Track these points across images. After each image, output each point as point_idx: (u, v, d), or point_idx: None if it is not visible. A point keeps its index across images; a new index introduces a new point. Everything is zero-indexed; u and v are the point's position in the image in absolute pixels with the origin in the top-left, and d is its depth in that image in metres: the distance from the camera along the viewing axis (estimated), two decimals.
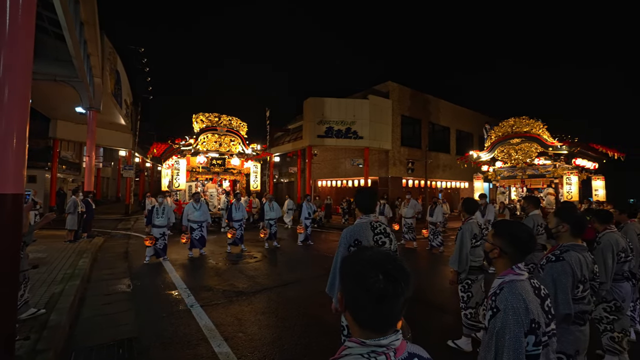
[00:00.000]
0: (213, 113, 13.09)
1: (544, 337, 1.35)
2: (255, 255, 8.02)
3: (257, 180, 14.53)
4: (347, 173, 19.69)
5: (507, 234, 1.48)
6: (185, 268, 6.73)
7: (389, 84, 17.69)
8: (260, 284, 5.66)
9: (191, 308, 4.42)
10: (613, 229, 3.27)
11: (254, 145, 14.15)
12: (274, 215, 9.33)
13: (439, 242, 9.02)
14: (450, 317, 4.26)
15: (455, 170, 20.17)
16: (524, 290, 1.37)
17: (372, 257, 0.83)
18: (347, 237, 2.35)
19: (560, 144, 11.33)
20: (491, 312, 1.40)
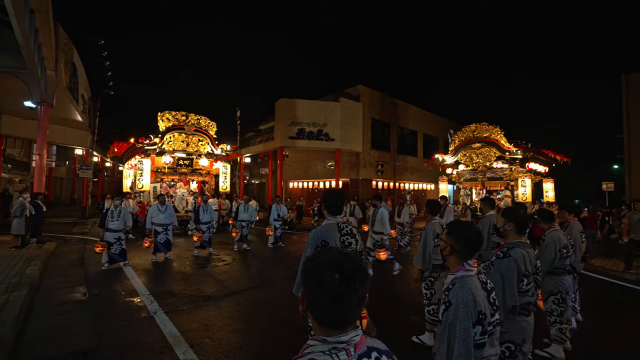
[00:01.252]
0: (180, 112, 12.61)
1: (489, 327, 1.49)
2: (224, 259, 7.83)
3: (226, 182, 14.19)
4: (318, 175, 19.82)
5: (458, 233, 1.62)
6: (149, 273, 6.43)
7: (359, 88, 18.07)
8: (229, 287, 5.54)
9: (154, 315, 4.23)
10: (556, 228, 3.59)
11: (223, 145, 13.81)
12: (247, 217, 9.18)
13: (406, 241, 9.34)
14: (415, 313, 4.43)
15: (422, 172, 21.02)
16: (473, 285, 1.49)
17: (329, 258, 0.86)
18: (314, 239, 2.38)
19: (515, 149, 12.19)
20: (444, 306, 1.51)
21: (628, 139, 18.63)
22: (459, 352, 1.39)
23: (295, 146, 16.53)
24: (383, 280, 6.24)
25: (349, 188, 17.92)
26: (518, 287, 2.09)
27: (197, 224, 8.41)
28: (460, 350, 1.38)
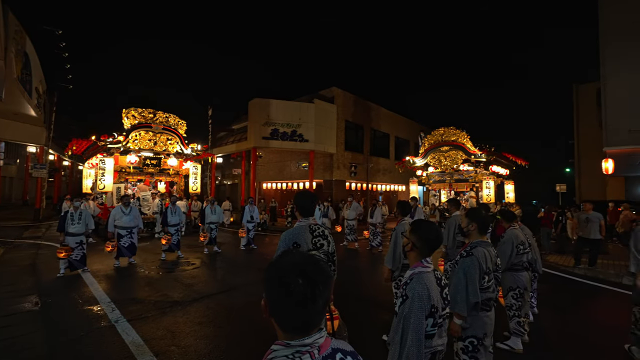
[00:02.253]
0: (147, 109, 12.03)
1: (439, 319, 1.61)
2: (193, 262, 7.56)
3: (196, 182, 13.72)
4: (292, 176, 19.73)
5: (420, 232, 1.73)
6: (111, 279, 6.06)
7: (333, 90, 18.22)
8: (198, 292, 5.36)
9: (116, 324, 3.99)
10: (515, 226, 3.83)
11: (194, 145, 13.36)
12: (216, 219, 8.92)
13: (378, 242, 9.53)
14: (386, 312, 4.52)
15: (394, 174, 21.57)
16: (429, 281, 1.61)
17: (292, 262, 0.85)
18: (285, 241, 2.36)
19: (480, 152, 12.85)
20: (401, 299, 1.61)
21: (578, 145, 20.28)
22: (411, 342, 1.49)
23: (269, 147, 16.35)
24: (355, 280, 6.32)
25: (323, 189, 18.00)
26: (480, 284, 2.20)
27: (164, 227, 8.06)
28: (412, 340, 1.49)
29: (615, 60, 9.31)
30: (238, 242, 9.76)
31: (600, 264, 7.59)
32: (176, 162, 12.72)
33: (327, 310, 2.32)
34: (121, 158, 11.71)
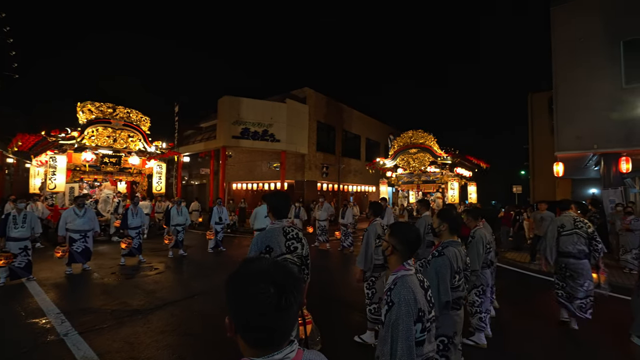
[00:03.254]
0: (106, 103, 11.22)
1: (427, 324, 1.54)
2: (156, 267, 7.13)
3: (161, 182, 13.03)
4: (263, 176, 19.40)
5: (400, 234, 1.67)
6: (61, 288, 5.53)
7: (306, 90, 18.17)
8: (161, 298, 5.04)
9: (65, 337, 3.62)
10: (480, 226, 3.99)
11: (158, 142, 12.66)
12: (182, 221, 8.49)
13: (350, 242, 9.60)
14: (358, 313, 4.53)
15: (365, 175, 21.94)
16: (413, 284, 1.54)
17: (259, 269, 0.77)
18: (257, 244, 2.26)
19: (446, 155, 13.41)
20: (387, 307, 1.52)
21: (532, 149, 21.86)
22: (402, 351, 1.40)
23: (239, 146, 15.94)
24: (327, 281, 6.29)
25: (294, 189, 17.87)
26: (451, 283, 2.24)
27: (124, 229, 7.53)
28: (403, 349, 1.40)
29: (564, 72, 10.12)
30: (206, 244, 9.38)
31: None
32: (138, 160, 11.98)
33: (300, 315, 2.24)
34: (75, 155, 10.80)
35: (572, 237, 4.13)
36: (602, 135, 9.19)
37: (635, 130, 8.44)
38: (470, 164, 14.46)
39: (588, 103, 9.48)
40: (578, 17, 9.90)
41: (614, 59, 9.16)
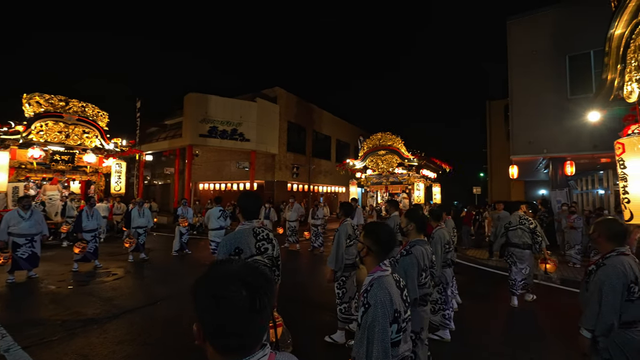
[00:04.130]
0: (57, 95, 10.32)
1: (403, 324, 1.55)
2: (114, 272, 6.68)
3: (120, 182, 12.23)
4: (232, 176, 18.92)
5: (373, 234, 1.67)
6: (2, 299, 4.99)
7: (276, 90, 17.99)
8: (120, 306, 4.72)
9: (6, 353, 3.26)
10: (442, 226, 4.17)
11: (117, 140, 11.87)
12: (144, 223, 8.03)
13: (320, 242, 9.63)
14: (328, 313, 4.54)
15: (335, 176, 22.15)
16: (389, 284, 1.55)
17: (229, 272, 0.74)
18: (226, 245, 2.18)
19: (412, 157, 13.91)
20: (363, 308, 1.51)
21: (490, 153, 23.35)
22: (377, 353, 1.40)
23: (206, 145, 15.41)
24: (297, 282, 6.26)
25: (264, 190, 17.61)
26: (418, 281, 2.31)
27: (78, 232, 6.96)
28: (379, 351, 1.40)
29: (519, 81, 10.93)
30: (169, 247, 8.94)
31: None
32: (95, 158, 11.15)
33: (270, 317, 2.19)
34: (20, 152, 9.82)
35: (517, 232, 5.13)
36: (550, 141, 10.03)
37: (579, 137, 9.31)
38: (435, 165, 15.11)
39: (539, 111, 10.30)
40: (531, 32, 10.74)
41: (560, 72, 10.04)
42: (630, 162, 3.97)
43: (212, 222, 7.56)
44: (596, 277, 2.09)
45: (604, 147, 8.32)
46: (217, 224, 7.53)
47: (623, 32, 3.85)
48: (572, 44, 9.78)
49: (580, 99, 9.24)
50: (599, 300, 2.02)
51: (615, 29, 3.88)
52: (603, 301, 2.00)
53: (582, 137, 9.19)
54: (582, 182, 14.80)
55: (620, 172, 4.09)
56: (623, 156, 4.03)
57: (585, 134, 8.97)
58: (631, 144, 3.97)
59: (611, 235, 2.14)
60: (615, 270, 2.01)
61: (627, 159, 3.99)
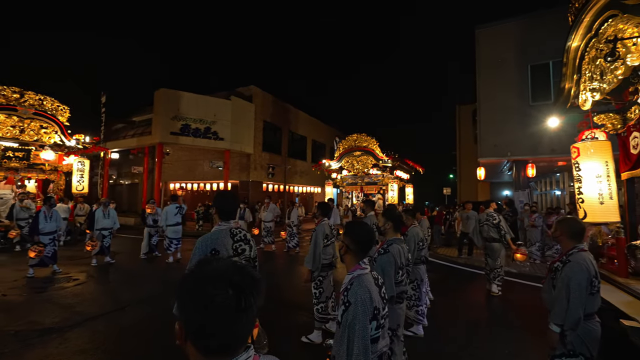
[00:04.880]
0: (11, 87, 9.51)
1: (382, 320, 1.58)
2: (75, 277, 6.26)
3: (83, 181, 11.48)
4: (205, 176, 18.38)
5: (353, 233, 1.69)
6: None
7: (252, 88, 17.71)
8: (81, 313, 4.42)
9: None
10: (416, 225, 4.30)
11: (80, 136, 11.16)
12: (109, 224, 7.59)
13: (295, 243, 9.59)
14: (305, 313, 4.53)
15: (311, 176, 22.16)
16: (368, 282, 1.57)
17: (216, 270, 0.72)
18: (202, 247, 2.11)
19: (386, 158, 14.22)
20: (344, 307, 1.52)
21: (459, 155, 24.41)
22: (358, 350, 1.41)
23: (178, 143, 14.85)
24: (273, 283, 6.19)
25: (239, 190, 17.27)
26: (395, 279, 2.36)
27: (33, 235, 6.44)
28: (359, 348, 1.41)
29: (486, 87, 11.51)
30: (136, 250, 8.52)
31: (476, 253, 9.20)
32: (53, 155, 10.39)
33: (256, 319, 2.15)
34: None
35: (485, 227, 5.82)
36: (514, 145, 10.64)
37: (539, 141, 9.95)
38: (408, 167, 15.55)
39: (504, 117, 10.90)
40: (497, 41, 11.34)
41: (523, 80, 10.69)
42: (584, 165, 4.29)
43: (169, 218, 7.84)
44: (563, 273, 2.20)
45: (561, 150, 8.97)
46: (174, 220, 7.87)
47: (579, 45, 4.16)
48: (534, 54, 10.44)
49: (540, 105, 9.88)
50: (567, 296, 2.13)
51: (572, 41, 4.19)
52: (571, 297, 2.11)
53: (542, 142, 9.83)
54: (541, 184, 15.84)
55: (575, 174, 4.41)
56: (578, 159, 4.35)
57: (545, 139, 9.61)
58: (585, 148, 4.30)
59: (572, 233, 2.28)
60: (580, 266, 2.14)
61: (581, 162, 4.32)
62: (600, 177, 4.15)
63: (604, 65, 3.63)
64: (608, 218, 4.13)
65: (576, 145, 4.40)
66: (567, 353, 2.18)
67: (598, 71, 3.80)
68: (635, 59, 3.17)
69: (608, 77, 3.61)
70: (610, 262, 4.38)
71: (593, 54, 3.90)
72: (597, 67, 3.81)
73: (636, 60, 3.19)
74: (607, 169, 4.15)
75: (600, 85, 3.80)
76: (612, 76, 3.53)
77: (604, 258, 4.55)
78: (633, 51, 3.18)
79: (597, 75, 3.84)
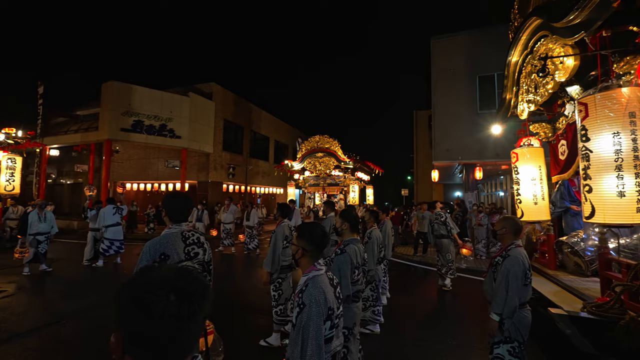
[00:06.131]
0: None
1: (336, 320, 1.60)
2: (3, 289, 5.56)
3: (13, 180, 10.24)
4: (160, 175, 17.36)
5: (307, 235, 1.69)
6: None
7: (212, 85, 17.09)
8: (10, 329, 3.94)
9: None
10: (376, 227, 4.45)
11: (10, 130, 9.96)
12: (45, 229, 6.85)
13: (255, 244, 9.41)
14: (264, 317, 4.46)
15: (273, 177, 21.90)
16: (323, 283, 1.58)
17: (157, 277, 0.68)
18: (150, 252, 1.98)
19: (348, 160, 14.53)
20: (298, 309, 1.52)
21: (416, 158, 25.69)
22: (311, 351, 1.42)
23: (129, 140, 13.84)
24: (232, 287, 6.02)
25: (197, 191, 16.55)
26: (351, 278, 2.42)
27: None
28: (313, 349, 1.42)
29: (439, 96, 12.26)
30: (79, 256, 7.80)
31: (430, 251, 9.74)
32: None
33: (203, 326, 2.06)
34: None
35: (434, 225, 6.28)
36: (464, 149, 11.46)
37: (485, 146, 10.82)
38: (368, 168, 16.03)
39: (455, 123, 11.69)
40: (450, 52, 12.14)
41: (472, 90, 11.56)
42: (522, 169, 4.75)
43: (107, 219, 7.52)
44: (502, 267, 2.42)
45: (504, 155, 9.82)
46: (112, 220, 7.59)
47: (517, 60, 4.60)
48: (481, 66, 11.33)
49: (486, 114, 10.75)
50: (506, 287, 2.36)
51: (512, 56, 4.63)
52: (509, 287, 2.34)
53: (487, 147, 10.70)
54: (487, 186, 17.23)
55: (514, 177, 4.86)
56: (517, 164, 4.81)
57: (490, 144, 10.47)
58: (522, 154, 4.76)
59: (515, 230, 2.54)
60: (517, 260, 2.38)
61: (519, 166, 4.77)
62: (534, 180, 4.61)
63: (537, 79, 4.05)
64: (541, 217, 4.60)
65: (515, 151, 4.85)
66: (504, 340, 2.42)
67: (533, 85, 4.23)
68: (562, 75, 3.58)
69: (541, 90, 4.04)
70: (542, 257, 4.89)
71: (529, 69, 4.33)
72: (532, 81, 4.24)
73: (563, 76, 3.60)
74: (540, 172, 4.63)
75: (535, 98, 4.23)
76: (544, 90, 3.95)
77: (537, 253, 5.06)
78: (560, 69, 3.59)
79: (532, 89, 4.27)
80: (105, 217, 7.50)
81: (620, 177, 2.66)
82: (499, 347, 2.45)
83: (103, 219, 7.48)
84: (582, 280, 3.89)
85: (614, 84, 2.76)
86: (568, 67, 3.50)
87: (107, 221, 7.47)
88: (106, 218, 7.50)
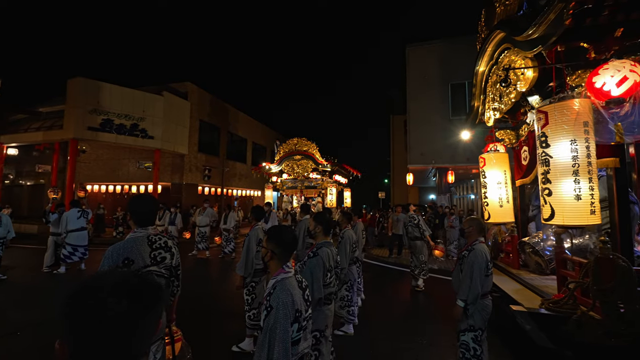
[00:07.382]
0: None
1: (304, 322, 1.61)
2: None
3: None
4: (131, 177, 16.65)
5: (276, 238, 1.70)
6: None
7: (187, 85, 16.66)
8: None
9: None
10: (349, 227, 4.51)
11: None
12: (1, 233, 6.40)
13: (231, 248, 9.24)
14: (237, 321, 4.37)
15: (250, 179, 21.63)
16: (291, 286, 1.59)
17: (108, 281, 0.66)
18: (112, 256, 1.90)
19: (326, 163, 14.62)
20: (266, 312, 1.52)
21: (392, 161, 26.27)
22: (278, 354, 1.42)
23: (97, 140, 13.17)
24: (205, 292, 5.87)
25: (171, 193, 16.02)
26: (323, 281, 2.44)
27: None
28: (279, 352, 1.42)
29: (414, 102, 12.63)
30: (39, 263, 7.31)
31: (405, 253, 9.97)
32: None
33: (167, 332, 2.00)
34: None
35: (408, 228, 6.55)
36: (437, 154, 11.87)
37: (457, 151, 11.26)
38: (346, 171, 16.20)
39: (429, 128, 12.09)
40: (424, 60, 12.56)
41: (445, 97, 12.01)
42: (488, 173, 4.99)
43: (70, 223, 7.11)
44: (468, 259, 2.71)
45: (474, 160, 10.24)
46: (77, 225, 7.19)
47: (484, 70, 4.85)
48: (454, 74, 11.81)
49: (457, 120, 11.20)
50: (471, 276, 2.65)
51: (479, 66, 4.87)
52: (473, 276, 2.64)
53: (459, 152, 11.14)
54: (460, 189, 17.90)
55: (482, 181, 5.10)
56: (484, 168, 5.05)
57: (460, 149, 10.91)
58: (489, 158, 5.00)
59: (480, 228, 2.89)
60: (481, 253, 2.69)
61: (486, 170, 5.01)
62: (500, 184, 4.86)
63: (501, 89, 4.28)
64: (506, 219, 4.84)
65: (483, 156, 5.09)
66: (469, 328, 2.70)
67: (498, 94, 4.47)
68: (523, 85, 3.82)
69: (505, 99, 4.28)
70: (506, 256, 5.14)
71: (494, 79, 4.57)
72: (497, 90, 4.48)
73: (524, 87, 3.83)
74: (505, 177, 4.88)
75: (500, 106, 4.47)
76: (508, 99, 4.19)
77: (502, 253, 5.32)
78: (522, 79, 3.82)
79: (497, 97, 4.51)
80: (69, 221, 7.08)
81: (577, 182, 2.86)
82: (464, 334, 2.72)
83: (66, 223, 7.05)
84: (542, 279, 4.14)
85: (569, 95, 2.97)
86: (528, 78, 3.74)
87: (70, 225, 7.04)
88: (70, 222, 7.08)
